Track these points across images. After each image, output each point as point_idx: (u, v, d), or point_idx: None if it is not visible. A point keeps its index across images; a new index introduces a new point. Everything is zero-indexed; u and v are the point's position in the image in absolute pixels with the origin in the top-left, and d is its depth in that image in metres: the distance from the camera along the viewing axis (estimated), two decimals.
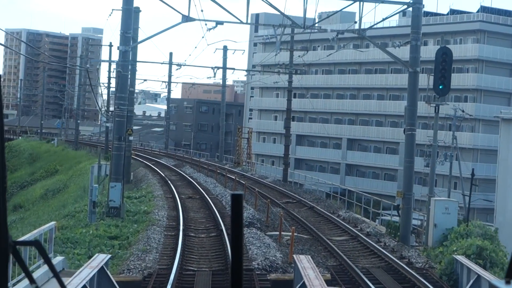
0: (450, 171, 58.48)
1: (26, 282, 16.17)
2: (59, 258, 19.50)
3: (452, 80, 33.08)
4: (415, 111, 31.97)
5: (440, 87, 31.89)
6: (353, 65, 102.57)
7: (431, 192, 33.81)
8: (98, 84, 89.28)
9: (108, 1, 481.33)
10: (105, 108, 72.74)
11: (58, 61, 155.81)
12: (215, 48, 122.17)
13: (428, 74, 37.80)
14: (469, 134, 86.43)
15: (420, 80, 33.46)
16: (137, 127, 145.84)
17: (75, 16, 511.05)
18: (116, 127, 34.32)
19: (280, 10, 33.07)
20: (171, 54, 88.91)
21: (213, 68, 62.74)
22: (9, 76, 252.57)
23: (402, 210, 31.85)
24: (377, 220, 41.31)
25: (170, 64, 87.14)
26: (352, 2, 32.34)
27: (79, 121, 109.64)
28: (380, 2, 32.21)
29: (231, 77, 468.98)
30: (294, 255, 21.21)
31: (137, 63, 56.44)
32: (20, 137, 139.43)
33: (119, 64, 34.11)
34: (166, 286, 19.68)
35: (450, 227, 29.51)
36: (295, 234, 26.42)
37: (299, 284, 17.72)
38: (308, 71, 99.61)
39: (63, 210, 42.54)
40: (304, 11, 33.46)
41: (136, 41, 44.16)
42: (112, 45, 73.37)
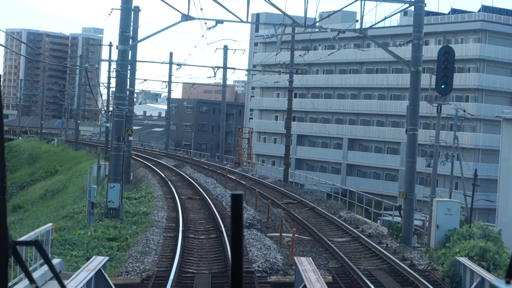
0: (452, 171, 58.17)
1: (26, 282, 15.97)
2: (56, 260, 19.18)
3: (454, 80, 32.76)
4: (417, 111, 31.67)
5: (442, 87, 31.60)
6: (354, 65, 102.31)
7: (433, 193, 33.48)
8: (98, 84, 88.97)
9: (109, 1, 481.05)
10: (105, 108, 72.45)
11: (58, 61, 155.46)
12: (216, 48, 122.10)
13: (431, 74, 37.46)
14: (470, 134, 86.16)
15: (422, 80, 33.14)
16: (138, 127, 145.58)
17: (76, 16, 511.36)
18: (115, 127, 33.99)
19: (281, 9, 32.76)
20: (171, 54, 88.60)
21: (214, 68, 62.44)
22: (10, 76, 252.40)
23: (404, 211, 31.55)
24: (379, 221, 41.01)
25: (171, 64, 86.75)
26: (354, 1, 32.01)
27: (79, 121, 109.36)
28: (382, 1, 31.91)
29: (232, 77, 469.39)
30: (295, 257, 20.90)
31: (137, 63, 56.21)
32: (20, 137, 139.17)
33: (118, 64, 33.79)
34: None
35: (453, 228, 29.24)
36: (296, 235, 26.11)
37: (300, 287, 17.43)
38: (309, 71, 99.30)
39: (62, 211, 42.24)
40: (305, 10, 33.16)
41: (137, 41, 43.88)
42: (112, 45, 72.98)
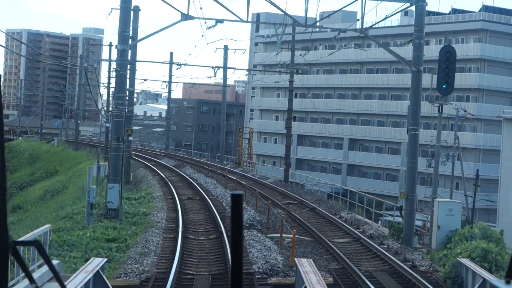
0: (452, 172, 57.98)
1: (26, 282, 15.83)
2: (54, 262, 18.96)
3: (454, 80, 32.55)
4: (419, 111, 31.47)
5: (444, 86, 31.40)
6: (355, 65, 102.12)
7: (435, 193, 33.25)
8: (98, 84, 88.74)
9: (109, 1, 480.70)
10: (105, 108, 72.24)
11: (57, 61, 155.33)
12: (216, 48, 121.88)
13: (432, 74, 37.25)
14: (471, 134, 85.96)
15: (422, 80, 32.93)
16: (138, 127, 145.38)
17: (76, 16, 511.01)
18: (114, 128, 33.74)
19: (281, 8, 32.54)
20: (172, 54, 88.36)
21: (214, 68, 62.21)
22: (10, 76, 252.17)
23: (405, 212, 31.34)
24: (379, 221, 40.80)
25: (171, 64, 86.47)
26: (354, 0, 31.80)
27: (80, 121, 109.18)
28: (383, 0, 31.70)
29: (232, 77, 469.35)
30: (296, 258, 20.68)
31: (137, 63, 55.99)
32: (20, 138, 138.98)
33: (118, 63, 33.55)
34: None
35: (454, 229, 29.02)
36: (297, 236, 25.91)
37: None
38: (310, 71, 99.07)
39: (61, 212, 42.02)
40: (305, 10, 32.97)
41: (136, 41, 43.66)
42: (112, 45, 72.75)
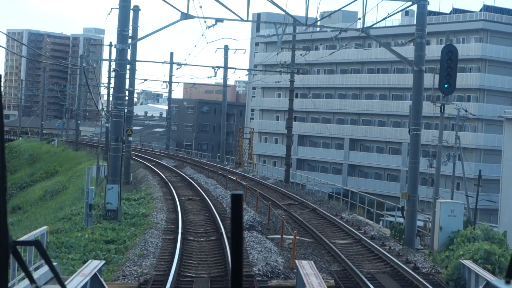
0: (454, 172, 57.70)
1: (26, 282, 15.59)
2: (47, 267, 18.69)
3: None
4: (420, 111, 31.21)
5: (446, 86, 31.10)
6: (356, 65, 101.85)
7: (437, 194, 32.96)
8: (97, 84, 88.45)
9: (110, 1, 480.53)
10: (106, 108, 71.97)
11: (57, 61, 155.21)
12: (216, 48, 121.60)
13: (434, 73, 36.98)
14: (472, 134, 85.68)
15: (424, 79, 32.64)
16: (139, 128, 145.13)
17: (76, 16, 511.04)
18: (113, 128, 33.43)
19: (282, 7, 32.26)
20: (172, 54, 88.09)
21: (214, 68, 61.95)
22: (11, 77, 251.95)
23: (407, 213, 31.06)
24: (381, 222, 40.53)
25: (171, 64, 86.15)
26: None
27: (80, 122, 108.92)
28: None
29: (233, 77, 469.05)
30: (296, 261, 20.40)
31: (137, 63, 55.70)
32: (21, 138, 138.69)
33: (117, 63, 33.26)
34: None
35: (456, 230, 28.75)
36: (297, 238, 25.63)
37: None
38: (310, 71, 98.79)
39: (60, 213, 41.74)
40: (306, 9, 32.69)
41: (136, 40, 43.40)
42: (112, 44, 72.51)
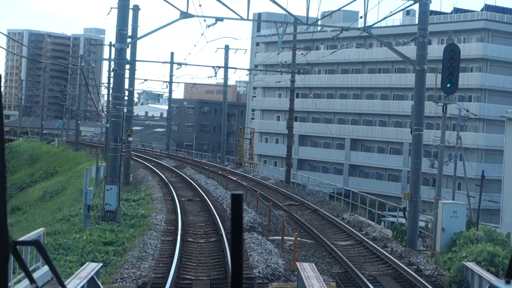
0: (455, 172, 57.39)
1: (26, 282, 15.37)
2: (47, 267, 18.39)
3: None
4: (422, 111, 30.91)
5: (448, 85, 30.81)
6: (356, 65, 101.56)
7: (439, 195, 32.66)
8: (96, 84, 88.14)
9: (110, 1, 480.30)
10: (106, 109, 71.67)
11: (57, 62, 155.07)
12: (216, 48, 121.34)
13: (436, 73, 36.67)
14: (473, 134, 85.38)
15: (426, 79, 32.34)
16: (139, 128, 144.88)
17: (77, 17, 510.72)
18: (112, 128, 33.09)
19: (283, 7, 31.96)
20: (172, 54, 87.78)
21: (215, 68, 61.65)
22: (11, 77, 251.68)
23: (409, 214, 30.76)
24: (382, 223, 40.25)
25: (172, 64, 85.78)
26: None
27: (80, 122, 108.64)
28: None
29: (233, 77, 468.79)
30: (297, 263, 20.10)
31: (137, 63, 55.39)
32: (21, 138, 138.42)
33: (115, 62, 32.95)
34: None
35: (459, 231, 28.47)
36: (298, 239, 25.32)
37: None
38: (311, 71, 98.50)
39: (58, 214, 41.43)
40: (307, 8, 32.40)
41: (135, 39, 43.11)
42: (112, 44, 72.21)
